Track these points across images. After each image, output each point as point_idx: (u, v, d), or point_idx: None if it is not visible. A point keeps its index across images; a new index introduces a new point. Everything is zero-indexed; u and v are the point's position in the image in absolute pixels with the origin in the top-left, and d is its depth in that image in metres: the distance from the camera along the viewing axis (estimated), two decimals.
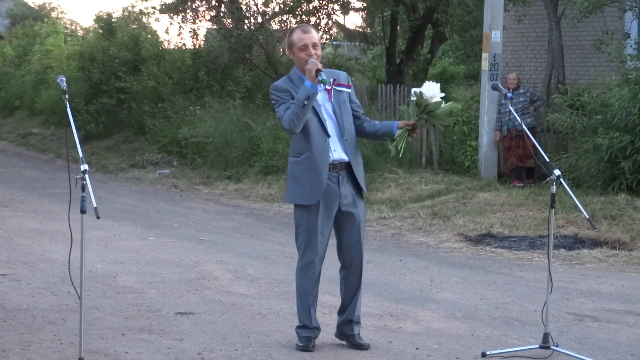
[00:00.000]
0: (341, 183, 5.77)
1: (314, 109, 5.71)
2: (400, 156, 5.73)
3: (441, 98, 5.75)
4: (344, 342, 6.04)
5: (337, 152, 5.76)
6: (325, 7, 19.85)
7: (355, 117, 5.94)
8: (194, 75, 19.92)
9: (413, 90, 5.82)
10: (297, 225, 5.84)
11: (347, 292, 6.00)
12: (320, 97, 5.76)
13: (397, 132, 5.78)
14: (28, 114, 26.29)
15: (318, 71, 5.56)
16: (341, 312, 6.04)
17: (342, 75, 5.94)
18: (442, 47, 24.47)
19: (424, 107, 5.73)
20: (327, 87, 5.77)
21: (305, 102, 5.56)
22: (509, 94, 6.42)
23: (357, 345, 5.97)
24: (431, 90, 5.72)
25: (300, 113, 5.59)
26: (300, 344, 5.90)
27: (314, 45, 5.73)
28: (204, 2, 20.51)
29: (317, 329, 5.97)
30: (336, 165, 5.75)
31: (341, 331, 6.06)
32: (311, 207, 5.73)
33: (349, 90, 5.91)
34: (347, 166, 5.80)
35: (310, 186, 5.71)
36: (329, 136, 5.74)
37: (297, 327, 5.98)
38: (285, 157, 11.61)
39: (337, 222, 5.85)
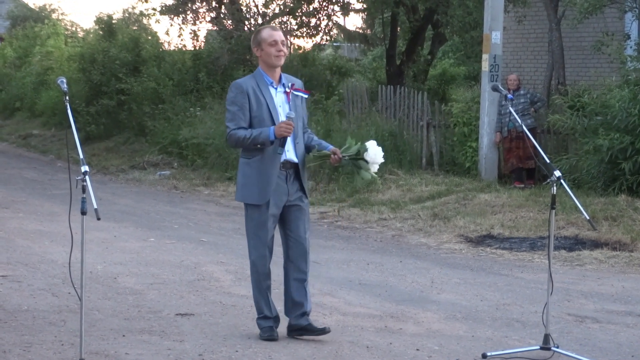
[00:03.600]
0: (289, 181, 6.09)
1: (270, 111, 6.02)
2: (307, 166, 6.08)
3: (378, 165, 6.15)
4: (303, 338, 6.14)
5: (290, 153, 6.08)
6: (325, 8, 19.85)
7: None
8: (195, 76, 19.89)
9: (367, 144, 6.13)
10: (247, 221, 6.14)
11: (295, 287, 6.18)
12: (281, 98, 6.10)
13: (323, 152, 6.14)
14: (28, 116, 26.26)
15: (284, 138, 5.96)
16: (291, 308, 6.18)
17: (299, 82, 6.28)
18: (442, 48, 24.48)
19: (359, 160, 6.12)
20: (287, 89, 6.12)
21: (259, 146, 5.93)
22: (509, 95, 6.46)
23: (317, 330, 6.15)
24: (377, 157, 6.10)
25: (248, 148, 5.99)
26: (264, 334, 6.10)
27: (282, 42, 6.07)
28: (204, 3, 20.52)
29: (277, 318, 6.18)
30: (286, 165, 6.07)
31: (296, 326, 6.17)
32: (262, 206, 6.02)
33: (305, 96, 6.26)
34: (295, 166, 6.12)
35: (260, 186, 6.02)
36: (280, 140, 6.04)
37: (258, 319, 6.17)
38: None
39: (284, 216, 6.14)
